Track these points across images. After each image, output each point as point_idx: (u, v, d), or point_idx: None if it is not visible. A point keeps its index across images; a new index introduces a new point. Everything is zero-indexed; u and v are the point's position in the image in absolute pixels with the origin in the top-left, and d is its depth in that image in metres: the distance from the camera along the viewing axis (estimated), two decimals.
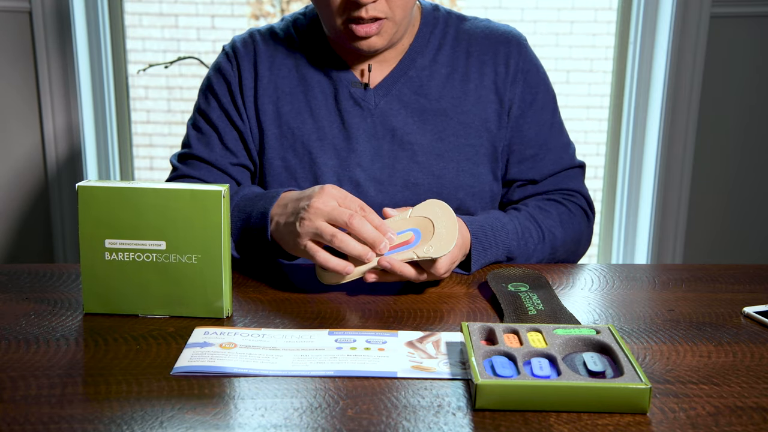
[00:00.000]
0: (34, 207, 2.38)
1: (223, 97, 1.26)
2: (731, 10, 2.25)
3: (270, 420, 0.71)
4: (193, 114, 1.30)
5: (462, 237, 1.07)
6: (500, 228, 1.16)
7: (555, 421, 0.71)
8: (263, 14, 2.80)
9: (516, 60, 1.27)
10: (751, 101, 2.32)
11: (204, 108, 1.28)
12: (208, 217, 0.90)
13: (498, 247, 1.14)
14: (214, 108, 1.27)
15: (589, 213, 1.31)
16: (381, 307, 0.98)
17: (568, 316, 0.94)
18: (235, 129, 1.26)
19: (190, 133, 1.29)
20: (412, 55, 1.26)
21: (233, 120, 1.26)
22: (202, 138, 1.27)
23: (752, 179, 2.39)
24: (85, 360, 0.82)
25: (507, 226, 1.17)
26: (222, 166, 1.26)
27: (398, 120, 1.24)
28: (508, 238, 1.16)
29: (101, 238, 0.92)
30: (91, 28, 2.32)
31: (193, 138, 1.28)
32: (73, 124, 2.30)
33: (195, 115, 1.30)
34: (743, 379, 0.80)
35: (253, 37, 1.28)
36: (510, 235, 1.16)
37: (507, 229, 1.17)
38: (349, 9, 1.13)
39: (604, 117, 2.55)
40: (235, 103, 1.26)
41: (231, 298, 0.95)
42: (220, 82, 1.27)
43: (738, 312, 0.98)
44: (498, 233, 1.15)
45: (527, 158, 1.29)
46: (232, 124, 1.26)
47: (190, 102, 2.74)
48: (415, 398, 0.75)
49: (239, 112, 1.26)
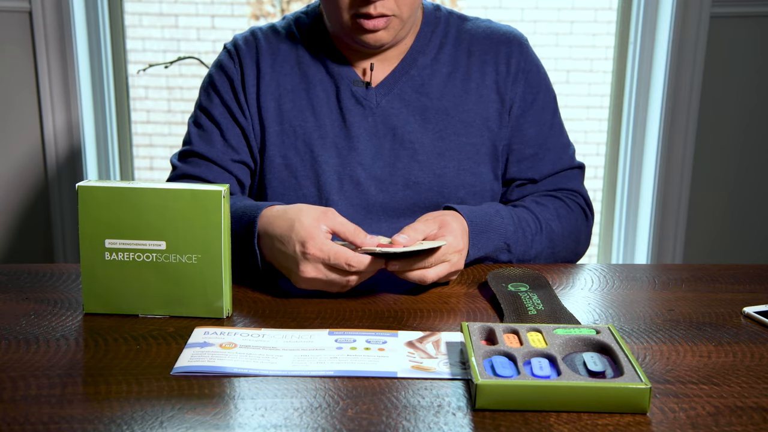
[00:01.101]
0: (34, 207, 2.38)
1: (225, 93, 1.26)
2: (731, 10, 2.25)
3: (270, 420, 0.71)
4: (195, 111, 1.30)
5: (459, 224, 1.07)
6: (494, 213, 1.15)
7: (555, 421, 0.71)
8: (263, 14, 2.80)
9: (517, 60, 1.27)
10: (751, 101, 2.32)
11: (206, 105, 1.28)
12: (208, 217, 0.90)
13: (495, 231, 1.13)
14: (216, 105, 1.27)
15: (588, 213, 1.31)
16: (381, 307, 0.98)
17: (568, 316, 0.94)
18: (237, 126, 1.26)
19: (191, 130, 1.28)
20: (413, 54, 1.26)
21: (236, 116, 1.26)
22: (204, 135, 1.26)
23: (752, 179, 2.39)
24: (85, 360, 0.82)
25: (501, 212, 1.16)
26: (223, 163, 1.25)
27: (399, 119, 1.24)
28: (503, 223, 1.15)
29: (101, 238, 0.92)
30: (91, 28, 2.32)
31: (194, 135, 1.27)
32: (73, 124, 2.30)
33: (196, 112, 1.29)
34: (743, 379, 0.80)
35: (255, 35, 1.28)
36: (505, 219, 1.15)
37: (501, 214, 1.16)
38: (357, 5, 1.14)
39: (604, 117, 2.55)
40: (238, 100, 1.26)
41: (231, 298, 0.95)
42: (222, 78, 1.27)
43: (738, 312, 0.98)
44: (492, 218, 1.14)
45: (527, 158, 1.29)
46: (235, 120, 1.26)
47: (190, 102, 2.74)
48: (415, 398, 0.75)
49: (242, 108, 1.26)
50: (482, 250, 1.12)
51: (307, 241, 0.96)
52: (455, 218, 1.08)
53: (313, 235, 0.96)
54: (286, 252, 0.98)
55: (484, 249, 1.12)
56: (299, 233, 0.96)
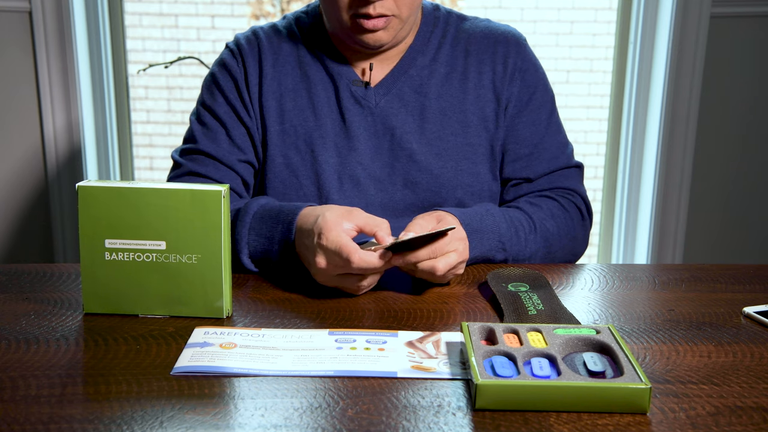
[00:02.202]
0: (34, 207, 2.38)
1: (230, 92, 1.26)
2: (731, 10, 2.25)
3: (270, 420, 0.71)
4: (197, 109, 1.29)
5: (455, 219, 1.07)
6: (485, 213, 1.15)
7: (555, 421, 0.71)
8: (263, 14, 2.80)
9: (514, 59, 1.27)
10: (751, 101, 2.32)
11: (209, 103, 1.27)
12: (208, 217, 0.90)
13: (488, 231, 1.13)
14: (220, 103, 1.26)
15: (585, 212, 1.30)
16: (381, 307, 0.98)
17: (568, 316, 0.94)
18: (242, 125, 1.25)
19: (194, 127, 1.27)
20: (412, 54, 1.26)
21: (240, 116, 1.25)
22: (209, 133, 1.25)
23: (752, 180, 2.39)
24: (85, 360, 0.82)
25: (492, 211, 1.16)
26: (229, 162, 1.24)
27: (398, 119, 1.24)
28: (495, 221, 1.14)
29: (101, 238, 0.92)
30: (91, 28, 2.32)
31: (198, 132, 1.26)
32: (73, 123, 2.30)
33: (199, 109, 1.28)
34: (743, 379, 0.80)
35: (256, 35, 1.28)
36: (497, 218, 1.15)
37: (492, 213, 1.15)
38: (356, 5, 1.14)
39: (604, 117, 2.55)
40: (242, 99, 1.25)
41: (231, 298, 0.95)
42: (226, 77, 1.27)
43: (738, 312, 0.98)
44: (484, 217, 1.14)
45: (522, 157, 1.28)
46: (240, 119, 1.25)
47: (190, 102, 2.74)
48: (415, 398, 0.75)
49: (246, 108, 1.25)
50: (477, 249, 1.11)
51: (324, 232, 0.98)
52: (449, 214, 1.08)
53: (330, 228, 0.98)
54: (308, 244, 1.01)
55: (479, 248, 1.12)
56: (319, 225, 0.99)
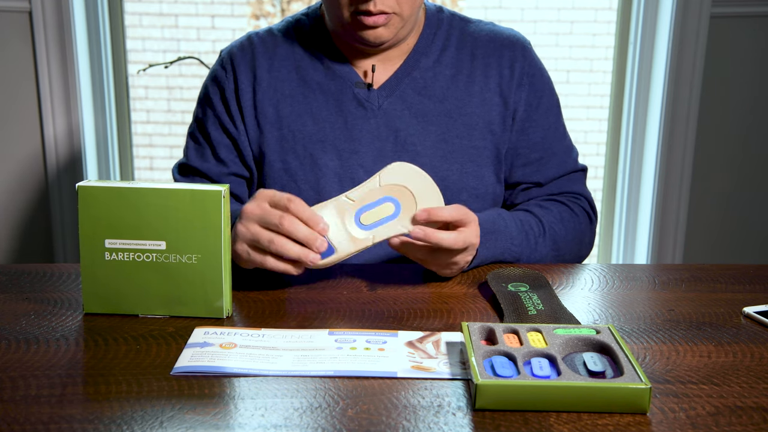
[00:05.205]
0: (35, 207, 2.38)
1: (217, 105, 1.27)
2: (731, 10, 2.25)
3: (270, 420, 0.71)
4: (192, 122, 1.33)
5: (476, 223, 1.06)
6: (497, 216, 1.15)
7: (555, 421, 0.71)
8: (263, 14, 2.80)
9: (521, 64, 1.27)
10: (751, 101, 2.32)
11: (200, 118, 1.30)
12: (208, 217, 0.90)
13: (501, 233, 1.13)
14: (209, 117, 1.28)
15: (592, 216, 1.31)
16: (381, 307, 0.98)
17: (568, 316, 0.94)
18: (228, 137, 1.27)
19: (188, 143, 1.31)
20: (416, 55, 1.26)
21: (227, 128, 1.27)
22: (198, 149, 1.29)
23: (752, 179, 2.39)
24: (85, 360, 0.82)
25: (503, 215, 1.17)
26: (216, 177, 1.27)
27: (402, 121, 1.24)
28: (507, 225, 1.15)
29: (101, 238, 0.92)
30: (91, 28, 2.32)
31: (190, 149, 1.30)
32: (73, 124, 2.30)
33: (193, 123, 1.32)
34: (743, 379, 0.80)
35: (251, 41, 1.28)
36: (509, 222, 1.16)
37: (504, 217, 1.16)
38: (357, 2, 1.14)
39: (604, 117, 2.55)
40: (229, 111, 1.26)
41: (231, 298, 0.95)
42: (214, 89, 1.28)
43: (738, 312, 0.98)
44: (496, 220, 1.14)
45: (532, 162, 1.29)
46: (226, 132, 1.27)
47: (189, 102, 2.74)
48: (415, 398, 0.75)
49: (233, 119, 1.26)
50: (489, 251, 1.12)
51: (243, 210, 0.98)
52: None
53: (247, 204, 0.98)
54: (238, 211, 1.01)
55: (491, 250, 1.12)
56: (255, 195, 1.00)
